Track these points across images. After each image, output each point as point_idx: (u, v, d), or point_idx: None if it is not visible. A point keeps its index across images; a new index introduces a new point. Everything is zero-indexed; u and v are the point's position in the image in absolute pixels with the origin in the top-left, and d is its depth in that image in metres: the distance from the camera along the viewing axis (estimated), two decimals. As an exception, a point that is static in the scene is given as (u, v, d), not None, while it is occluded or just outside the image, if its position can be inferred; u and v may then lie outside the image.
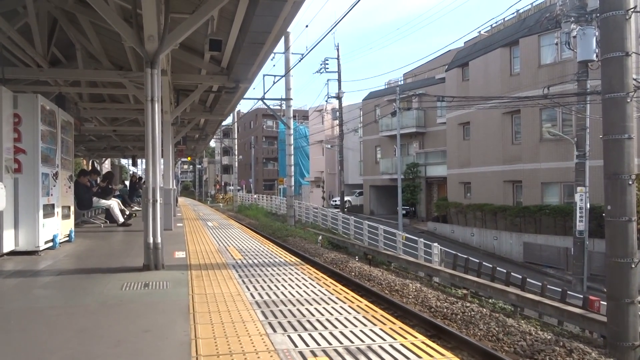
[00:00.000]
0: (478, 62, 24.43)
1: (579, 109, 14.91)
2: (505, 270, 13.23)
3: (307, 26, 48.04)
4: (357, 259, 15.07)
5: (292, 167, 24.94)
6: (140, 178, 20.77)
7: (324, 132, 45.52)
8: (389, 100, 33.28)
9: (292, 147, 25.06)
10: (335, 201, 38.92)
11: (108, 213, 12.30)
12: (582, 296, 10.72)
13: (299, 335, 3.49)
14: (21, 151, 6.77)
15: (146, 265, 5.94)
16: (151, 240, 5.91)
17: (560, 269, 17.79)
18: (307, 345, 3.29)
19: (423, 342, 3.39)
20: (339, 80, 32.36)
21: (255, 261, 6.84)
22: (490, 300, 10.70)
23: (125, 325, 3.75)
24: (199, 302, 4.40)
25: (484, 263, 14.32)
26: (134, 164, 32.73)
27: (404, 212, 27.91)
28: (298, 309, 4.21)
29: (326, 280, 5.62)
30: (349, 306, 4.36)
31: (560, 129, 19.38)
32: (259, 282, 5.33)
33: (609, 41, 7.38)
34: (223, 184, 70.09)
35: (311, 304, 4.40)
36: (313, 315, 4.05)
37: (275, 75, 28.88)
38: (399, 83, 38.83)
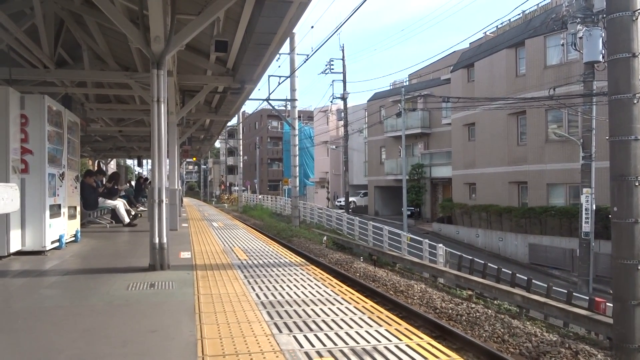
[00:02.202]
0: (483, 63, 24.37)
1: (585, 110, 14.85)
2: (510, 272, 13.19)
3: (312, 27, 48.08)
4: (361, 260, 15.06)
5: (297, 168, 24.96)
6: (147, 179, 20.84)
7: (328, 132, 45.52)
8: (394, 101, 33.24)
9: (297, 147, 25.08)
10: (340, 202, 38.90)
11: (114, 213, 12.35)
12: (587, 298, 10.67)
13: (305, 336, 3.49)
14: (28, 152, 6.81)
15: (152, 266, 5.96)
16: (157, 241, 5.93)
17: (566, 270, 17.71)
18: (312, 345, 3.30)
19: (428, 343, 3.39)
20: (344, 81, 32.33)
21: (261, 261, 6.85)
22: (495, 302, 10.67)
23: (131, 325, 3.77)
24: (204, 302, 4.41)
25: (489, 264, 14.26)
26: (140, 165, 32.81)
27: (409, 212, 27.87)
28: (303, 310, 4.22)
29: (331, 280, 5.63)
30: (354, 307, 4.36)
31: (566, 130, 19.31)
32: (264, 283, 5.34)
33: (616, 42, 7.34)
34: (228, 185, 70.18)
35: (316, 305, 4.41)
36: (318, 315, 4.05)
37: (280, 76, 28.80)
38: (404, 84, 38.79)
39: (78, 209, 9.05)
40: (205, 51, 9.37)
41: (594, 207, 14.68)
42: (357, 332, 3.60)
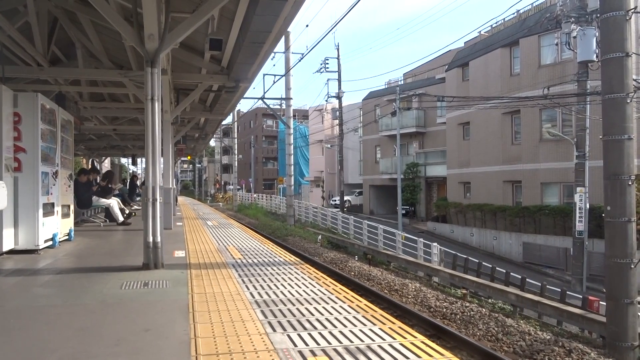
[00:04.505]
0: (478, 62, 24.43)
1: (579, 109, 14.91)
2: (504, 270, 13.24)
3: (307, 26, 48.12)
4: (356, 259, 15.08)
5: (292, 167, 24.94)
6: (142, 181, 20.74)
7: (323, 131, 45.52)
8: (389, 100, 33.28)
9: (292, 146, 25.06)
10: (335, 201, 38.91)
11: (108, 212, 12.30)
12: (581, 296, 10.72)
13: (299, 335, 3.49)
14: (21, 150, 6.77)
15: (146, 264, 5.94)
16: (151, 239, 5.91)
17: (560, 269, 17.80)
18: (306, 344, 3.30)
19: (422, 342, 3.39)
20: (339, 80, 32.35)
21: (255, 260, 6.84)
22: (489, 300, 10.70)
23: (125, 324, 3.75)
24: (198, 301, 4.40)
25: (483, 263, 14.32)
26: (134, 163, 32.72)
27: (404, 211, 27.91)
28: (297, 309, 4.22)
29: (326, 279, 5.63)
30: (349, 306, 4.36)
31: (560, 130, 19.39)
32: (258, 282, 5.33)
33: (609, 42, 7.37)
34: (223, 183, 70.07)
35: (311, 304, 4.41)
36: (312, 314, 4.05)
37: (275, 75, 28.94)
38: (399, 83, 38.82)
39: (72, 207, 9.01)
40: (200, 49, 9.34)
41: (588, 206, 14.75)
42: (351, 331, 3.60)
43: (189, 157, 36.07)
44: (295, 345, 3.28)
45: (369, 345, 3.29)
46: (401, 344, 3.33)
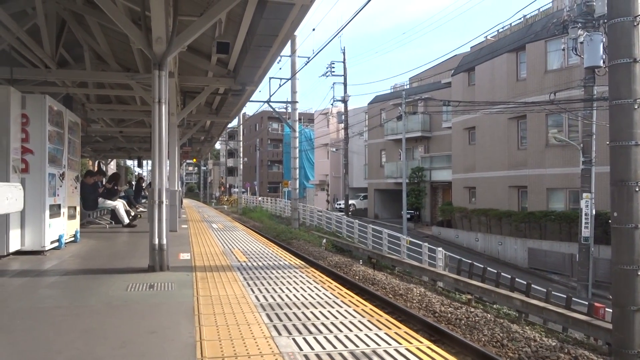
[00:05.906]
0: (484, 67, 24.41)
1: (586, 115, 14.86)
2: (509, 276, 13.17)
3: (314, 29, 48.28)
4: (361, 263, 15.05)
5: (297, 170, 24.95)
6: (148, 183, 20.80)
7: (329, 135, 45.53)
8: (395, 104, 33.26)
9: (297, 150, 25.08)
10: (340, 204, 38.89)
11: (113, 214, 12.35)
12: (587, 303, 10.65)
13: (304, 339, 3.48)
14: (29, 151, 6.81)
15: (151, 267, 5.95)
16: (156, 242, 5.93)
17: (565, 275, 17.70)
18: (312, 348, 3.29)
19: (428, 347, 3.38)
20: (345, 84, 32.34)
21: (260, 264, 6.84)
22: (494, 306, 10.65)
23: (130, 326, 3.76)
24: (203, 304, 4.41)
25: (488, 268, 14.25)
26: (140, 165, 32.83)
27: (409, 216, 27.86)
28: (303, 312, 4.21)
29: (330, 283, 5.62)
30: (354, 310, 4.36)
31: (567, 135, 19.32)
32: (263, 285, 5.33)
33: (617, 47, 7.34)
34: (228, 186, 70.14)
35: (316, 307, 4.40)
36: (318, 318, 4.04)
37: (281, 78, 28.93)
38: (405, 87, 38.80)
39: (78, 209, 9.05)
40: (207, 52, 9.37)
41: (594, 212, 14.68)
42: (356, 336, 3.59)
43: (194, 160, 36.18)
44: (300, 349, 3.27)
45: (375, 350, 3.28)
46: (407, 349, 3.32)
